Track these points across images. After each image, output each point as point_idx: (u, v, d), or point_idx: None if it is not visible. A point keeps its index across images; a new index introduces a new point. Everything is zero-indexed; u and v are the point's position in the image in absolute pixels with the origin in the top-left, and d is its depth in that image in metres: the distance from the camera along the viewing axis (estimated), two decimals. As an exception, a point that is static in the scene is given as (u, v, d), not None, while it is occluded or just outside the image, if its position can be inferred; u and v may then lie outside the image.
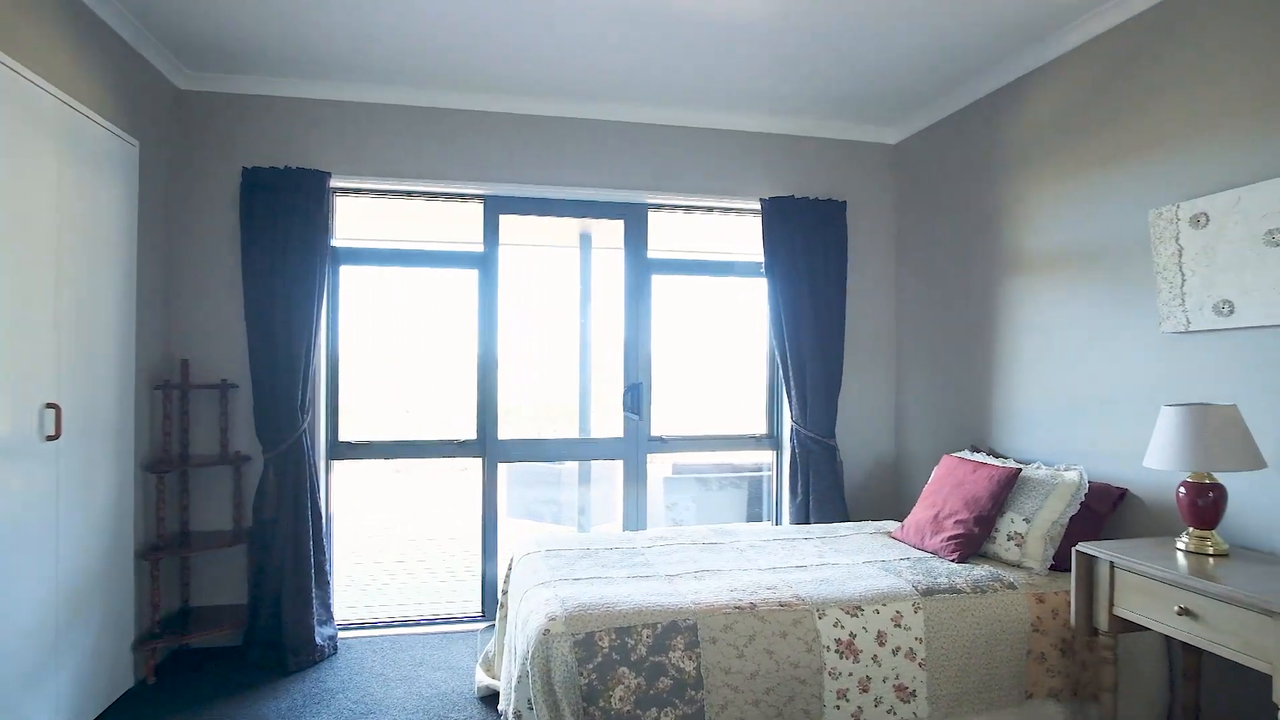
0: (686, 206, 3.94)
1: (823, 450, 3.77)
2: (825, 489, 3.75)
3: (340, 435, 3.59)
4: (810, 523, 3.72)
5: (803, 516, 3.77)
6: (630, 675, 2.06)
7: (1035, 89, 3.07)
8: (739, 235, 4.10)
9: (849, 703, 2.19)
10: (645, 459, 3.93)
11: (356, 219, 3.69)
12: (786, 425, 3.91)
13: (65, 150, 2.47)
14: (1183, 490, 2.13)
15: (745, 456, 4.46)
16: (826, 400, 3.80)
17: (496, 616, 2.92)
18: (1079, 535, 2.56)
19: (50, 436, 2.37)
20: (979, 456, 3.11)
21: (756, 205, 3.88)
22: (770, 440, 4.12)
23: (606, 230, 3.95)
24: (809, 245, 3.81)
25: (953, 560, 2.67)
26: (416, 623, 3.62)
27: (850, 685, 2.20)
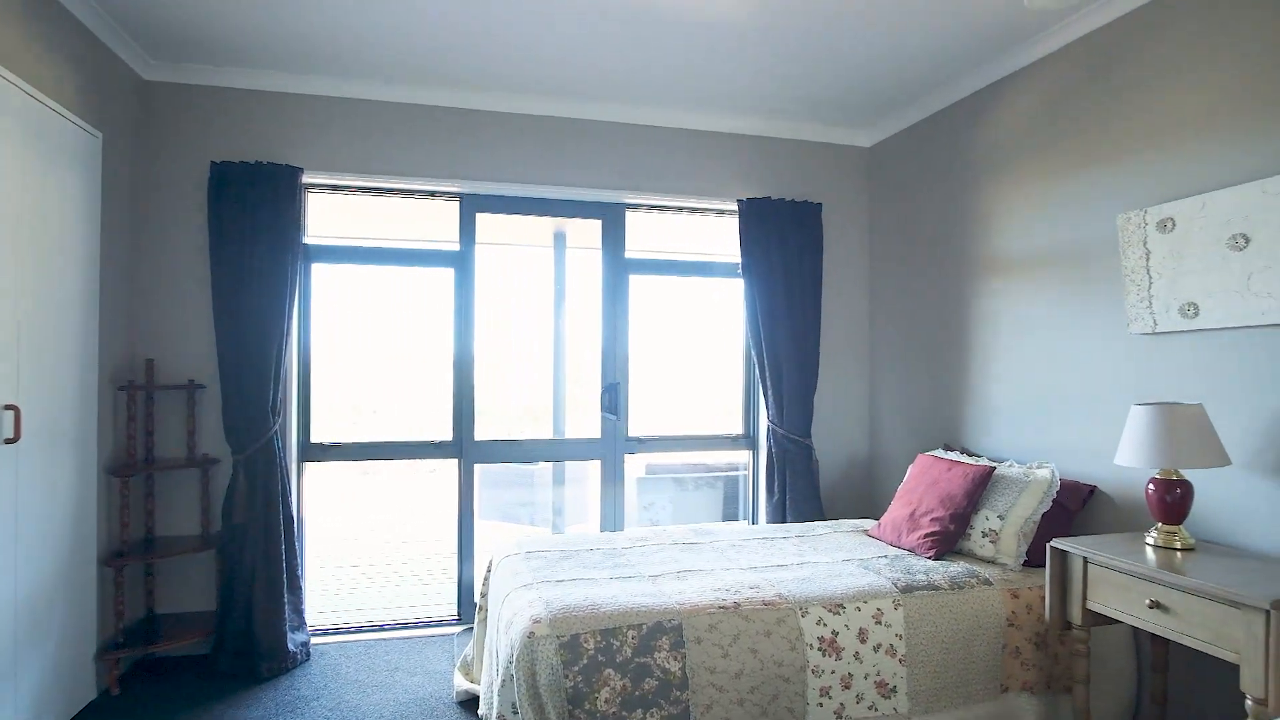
0: (664, 207, 3.94)
1: (799, 450, 3.80)
2: (801, 488, 3.78)
3: (312, 437, 3.51)
4: (787, 522, 3.75)
5: (779, 515, 3.80)
6: (616, 677, 2.06)
7: (1007, 95, 3.14)
8: (716, 236, 4.12)
9: (832, 700, 2.21)
10: (623, 459, 3.93)
11: (329, 216, 3.61)
12: (763, 425, 3.94)
13: (24, 141, 2.37)
14: (1152, 487, 2.19)
15: (720, 456, 4.48)
16: (802, 400, 3.84)
17: (475, 619, 2.89)
18: (1051, 531, 2.62)
19: (9, 439, 2.27)
20: (953, 455, 3.17)
21: (734, 206, 3.90)
22: (747, 440, 4.15)
23: (582, 230, 3.93)
24: (785, 246, 3.84)
25: (929, 557, 2.72)
26: (390, 627, 3.56)
27: (833, 683, 2.22)
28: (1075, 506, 2.68)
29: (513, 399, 4.26)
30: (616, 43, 2.98)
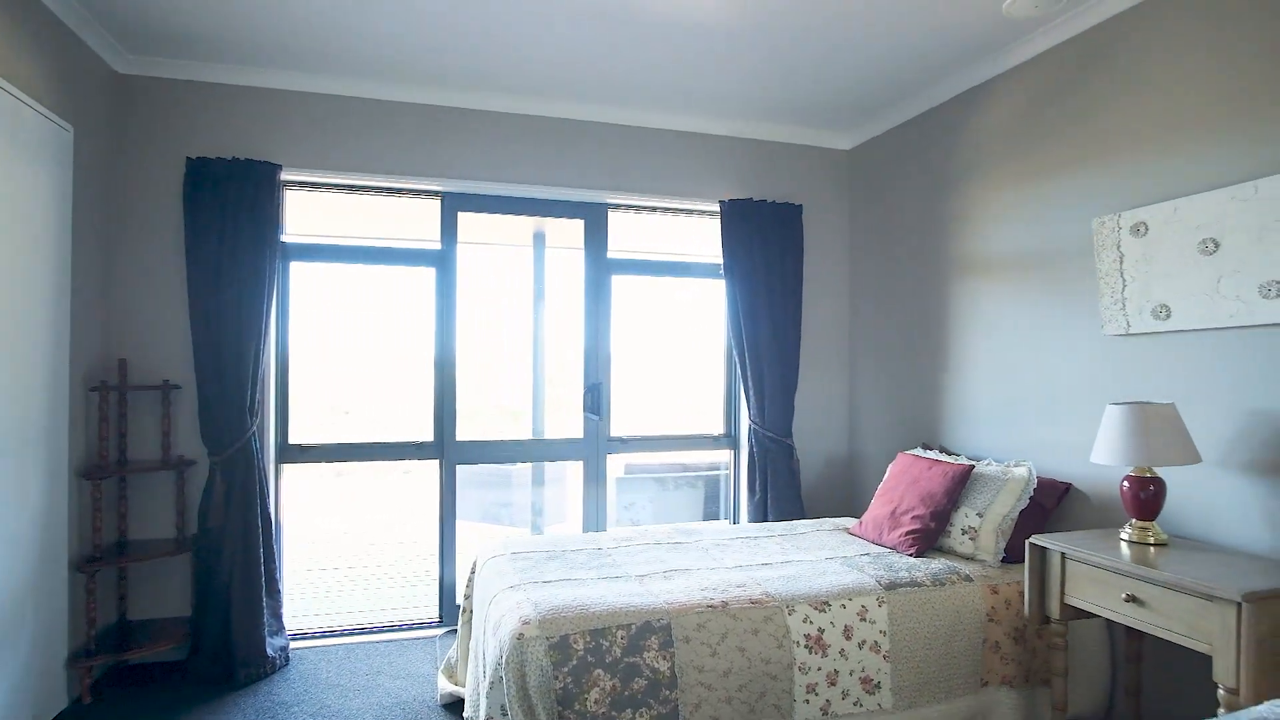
0: (647, 207, 3.95)
1: (780, 449, 3.84)
2: (783, 487, 3.82)
3: (290, 438, 3.46)
4: (768, 520, 3.79)
5: (761, 514, 3.83)
6: (605, 677, 2.06)
7: (985, 101, 3.20)
8: (697, 236, 4.13)
9: (818, 696, 2.24)
10: (605, 459, 3.93)
11: (308, 214, 3.56)
12: (744, 425, 3.97)
13: (-6, 135, 2.30)
14: (1126, 484, 2.25)
15: (699, 456, 4.51)
16: (784, 400, 3.87)
17: (459, 621, 2.86)
18: (1028, 528, 2.68)
19: (-22, 442, 2.21)
20: (932, 454, 3.22)
21: (716, 207, 3.93)
22: (728, 439, 4.17)
23: (562, 229, 3.93)
24: (767, 247, 3.87)
25: (910, 555, 2.76)
26: (371, 630, 3.52)
27: (819, 679, 2.25)
28: (1051, 504, 2.75)
29: (493, 399, 4.24)
30: (601, 43, 2.99)
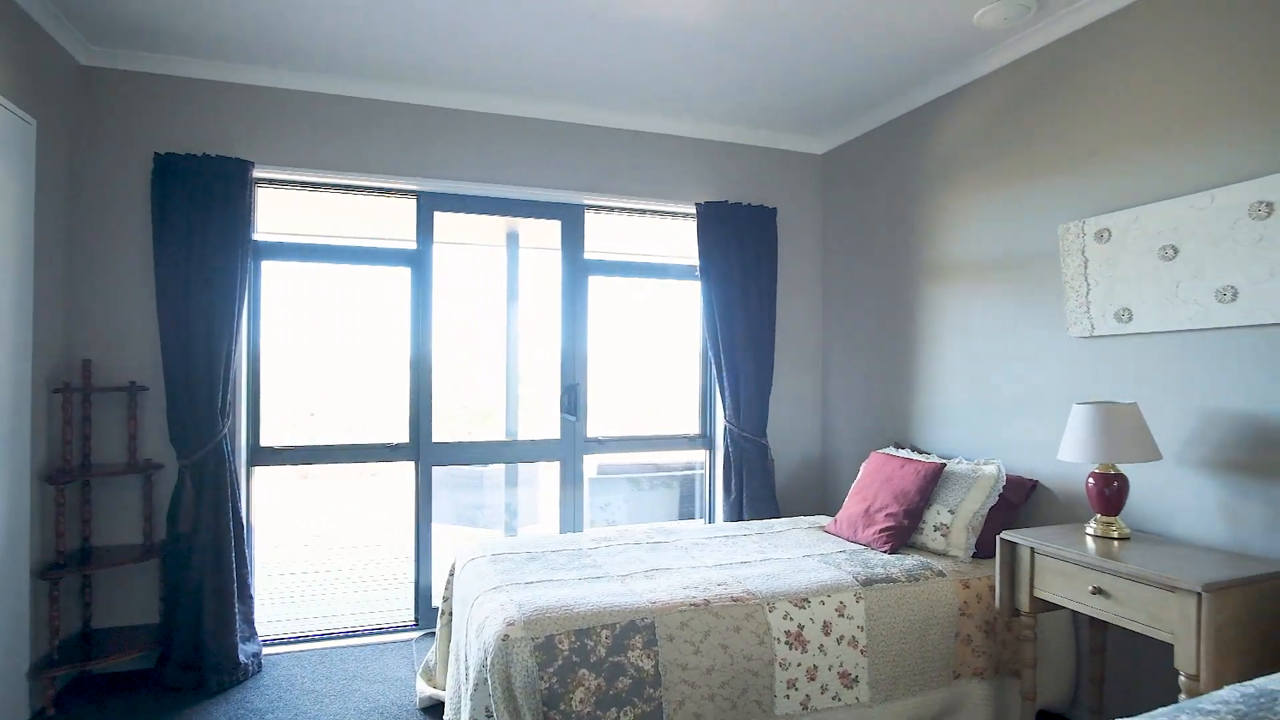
0: (624, 209, 3.96)
1: (755, 449, 3.89)
2: (758, 487, 3.87)
3: (262, 440, 3.39)
4: (744, 519, 3.83)
5: (736, 514, 3.87)
6: (590, 677, 2.07)
7: (955, 109, 3.28)
8: (673, 238, 4.16)
9: (798, 691, 2.28)
10: (582, 460, 3.93)
11: (280, 212, 3.50)
12: (720, 425, 4.01)
13: (-46, 128, 2.22)
14: (1091, 480, 2.34)
15: (673, 456, 4.54)
16: (759, 400, 3.92)
17: (437, 624, 2.85)
18: (997, 524, 2.76)
19: (-63, 446, 2.13)
20: (903, 453, 3.29)
21: (692, 209, 3.96)
22: (704, 440, 4.21)
23: (539, 230, 3.92)
24: (742, 249, 3.92)
25: (885, 551, 2.82)
26: (345, 634, 3.47)
27: (799, 675, 2.29)
28: (1019, 500, 2.83)
29: (468, 400, 4.21)
30: (579, 45, 2.99)
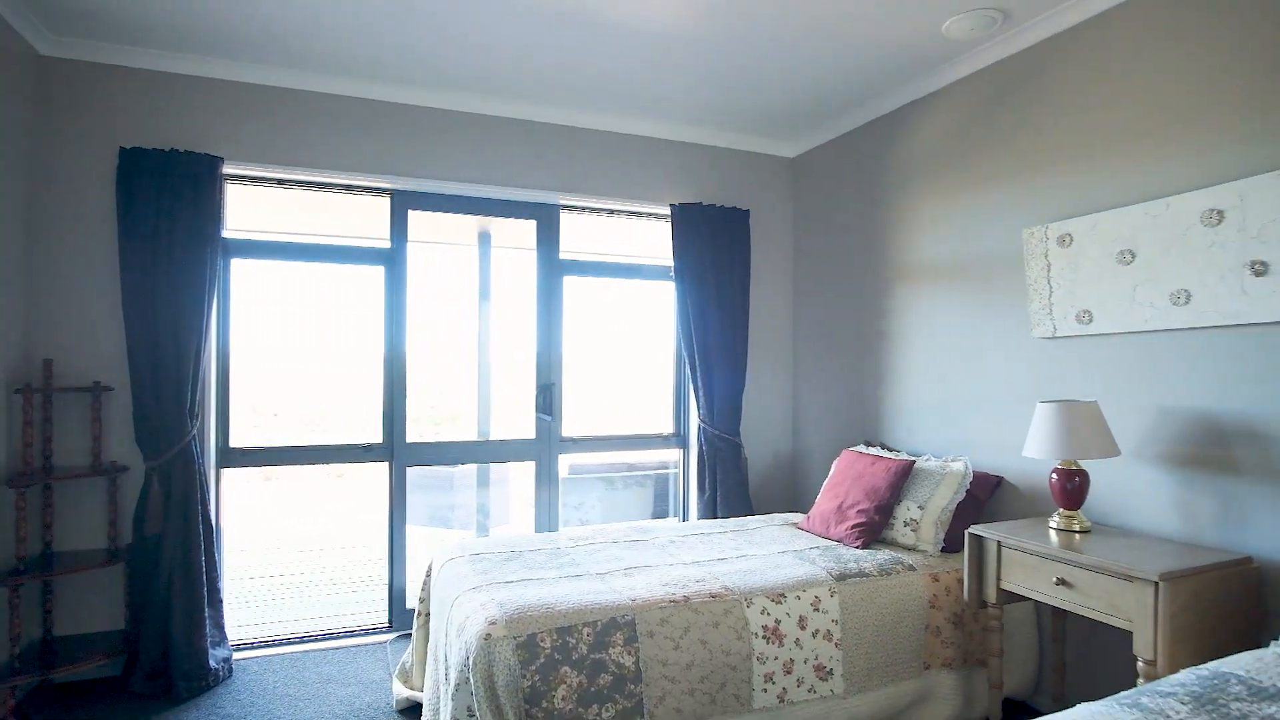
0: (599, 209, 3.98)
1: (729, 447, 3.94)
2: (731, 485, 3.92)
3: (231, 441, 3.33)
4: (717, 517, 3.88)
5: (710, 512, 3.92)
6: (572, 674, 2.09)
7: (923, 115, 3.37)
8: (648, 239, 4.19)
9: (775, 685, 2.33)
10: (557, 460, 3.94)
11: (250, 209, 3.44)
12: (694, 424, 4.05)
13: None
14: (1054, 476, 2.43)
15: (646, 455, 4.57)
16: (732, 400, 3.97)
17: (414, 625, 2.83)
18: (964, 519, 2.85)
19: (-107, 449, 2.05)
20: (874, 451, 3.37)
21: (666, 210, 3.99)
22: (677, 439, 4.25)
23: (514, 229, 3.92)
24: (716, 251, 3.96)
25: (857, 546, 2.89)
26: (317, 638, 3.43)
27: (776, 668, 2.33)
28: (985, 496, 2.93)
29: (438, 401, 4.19)
30: (556, 45, 3.00)
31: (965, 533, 2.53)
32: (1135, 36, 2.46)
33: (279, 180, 3.35)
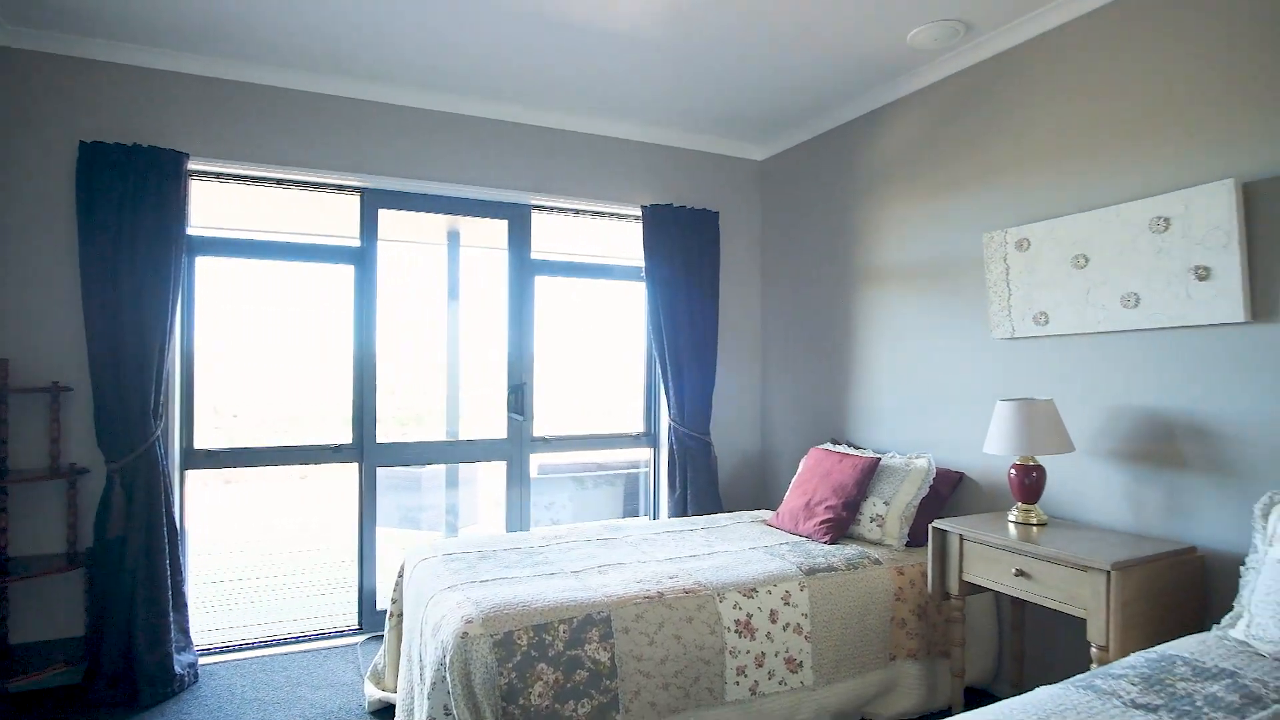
0: (570, 209, 4.00)
1: (699, 446, 3.99)
2: (702, 483, 3.97)
3: (195, 442, 3.27)
4: (688, 515, 3.92)
5: (681, 510, 3.96)
6: (549, 671, 2.11)
7: (889, 121, 3.46)
8: (619, 239, 4.22)
9: (747, 678, 2.38)
10: (529, 459, 3.95)
11: (216, 206, 3.38)
12: (664, 423, 4.09)
13: None
14: (1013, 471, 2.53)
15: (616, 455, 4.60)
16: (702, 399, 4.02)
17: (386, 626, 2.82)
18: (927, 514, 2.94)
19: None
20: (841, 448, 3.45)
21: (637, 211, 4.03)
22: (648, 438, 4.29)
23: (485, 229, 3.91)
24: (686, 252, 4.01)
25: (825, 542, 2.96)
26: (286, 641, 3.38)
27: (748, 662, 2.39)
28: (947, 491, 3.02)
29: (406, 401, 4.16)
30: (528, 45, 3.01)
31: (929, 527, 2.61)
32: (1089, 51, 2.57)
33: (246, 177, 3.30)
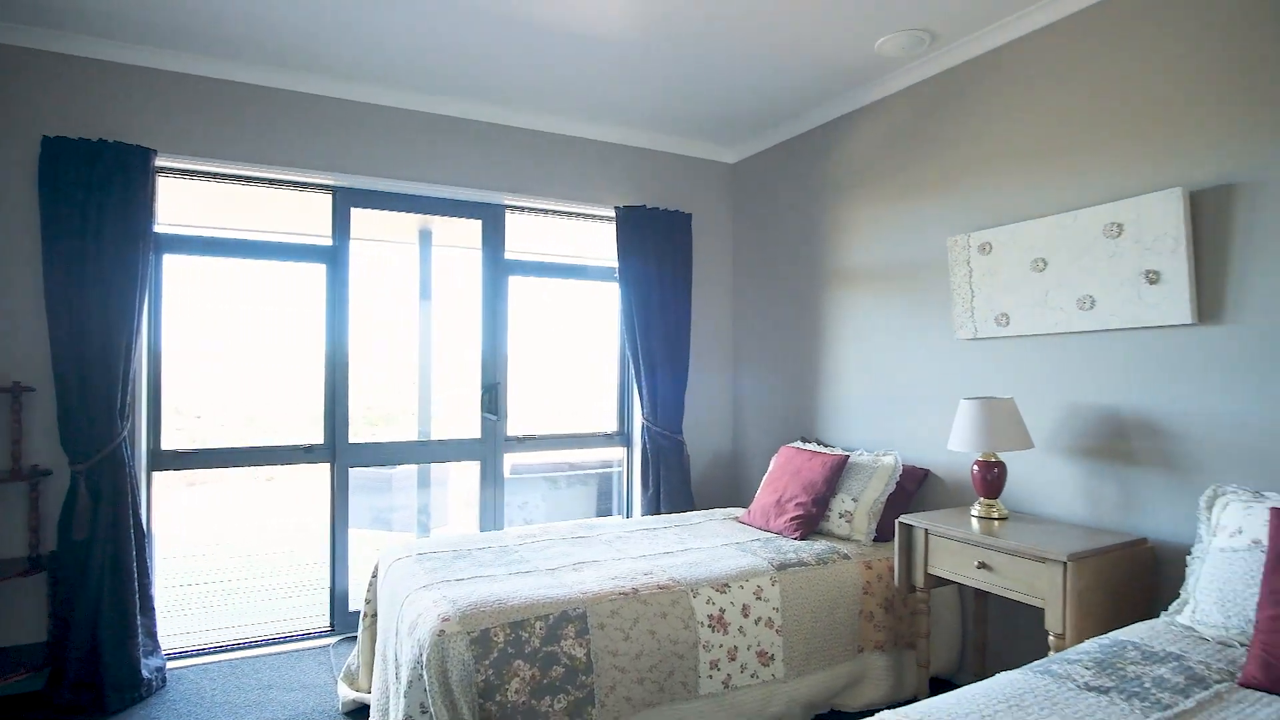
0: (545, 210, 4.01)
1: (672, 445, 4.03)
2: (675, 481, 4.02)
3: (163, 443, 3.22)
4: (661, 514, 3.97)
5: (654, 508, 4.01)
6: (525, 667, 2.13)
7: (857, 126, 3.54)
8: (593, 240, 4.25)
9: (720, 671, 2.43)
10: (502, 459, 3.95)
11: (185, 204, 3.33)
12: (637, 423, 4.13)
13: None
14: (976, 468, 2.61)
15: (588, 454, 4.62)
16: (675, 398, 4.07)
17: (360, 627, 2.81)
18: (894, 510, 3.02)
19: None
20: (810, 446, 3.52)
21: (611, 212, 4.06)
22: (622, 437, 4.32)
23: (457, 229, 3.91)
24: (659, 253, 4.05)
25: (796, 538, 3.02)
26: (255, 644, 3.34)
27: (721, 656, 2.43)
28: (913, 487, 3.11)
29: (377, 401, 4.14)
30: (502, 46, 3.02)
31: (895, 522, 2.69)
32: (1048, 63, 2.67)
33: (215, 174, 3.26)
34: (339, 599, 3.49)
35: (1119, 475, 2.44)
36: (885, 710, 1.50)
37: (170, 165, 3.14)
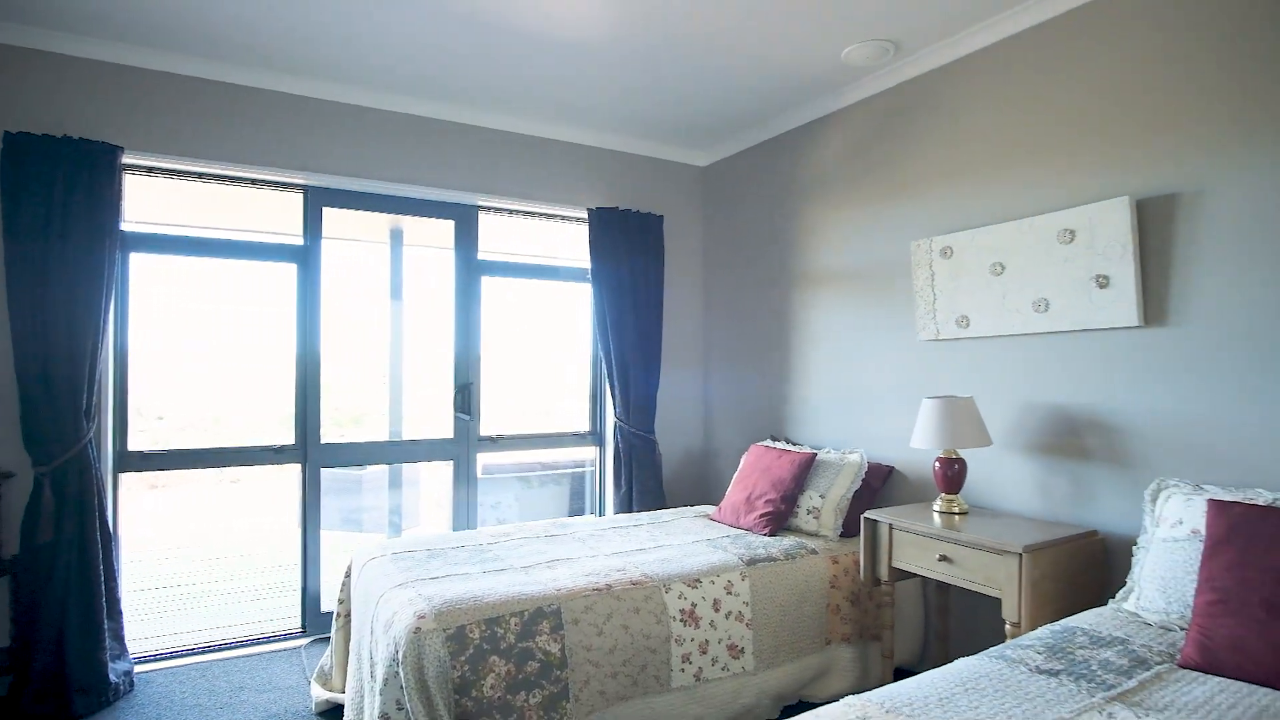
0: (517, 211, 4.04)
1: (644, 444, 4.09)
2: (646, 480, 4.07)
3: (130, 444, 3.18)
4: (633, 512, 4.02)
5: (626, 506, 4.05)
6: (501, 663, 2.16)
7: (824, 133, 3.63)
8: (565, 241, 4.28)
9: (692, 664, 2.48)
10: (476, 459, 3.97)
11: (152, 202, 3.29)
12: (610, 422, 4.17)
13: None
14: (937, 464, 2.71)
15: (561, 454, 4.65)
16: (647, 398, 4.12)
17: (333, 627, 2.81)
18: (860, 506, 3.11)
19: None
20: (779, 445, 3.60)
21: (584, 214, 4.10)
22: (594, 436, 4.36)
23: (429, 229, 3.92)
24: (631, 254, 4.10)
25: (765, 534, 3.10)
26: (225, 646, 3.31)
27: (693, 649, 2.49)
28: (878, 484, 3.20)
29: (346, 401, 4.12)
30: (475, 47, 3.04)
31: (861, 518, 2.77)
32: (1007, 74, 2.78)
33: (185, 172, 3.23)
34: (310, 600, 3.48)
35: (1071, 470, 2.55)
36: (850, 696, 1.57)
37: (138, 163, 3.10)
